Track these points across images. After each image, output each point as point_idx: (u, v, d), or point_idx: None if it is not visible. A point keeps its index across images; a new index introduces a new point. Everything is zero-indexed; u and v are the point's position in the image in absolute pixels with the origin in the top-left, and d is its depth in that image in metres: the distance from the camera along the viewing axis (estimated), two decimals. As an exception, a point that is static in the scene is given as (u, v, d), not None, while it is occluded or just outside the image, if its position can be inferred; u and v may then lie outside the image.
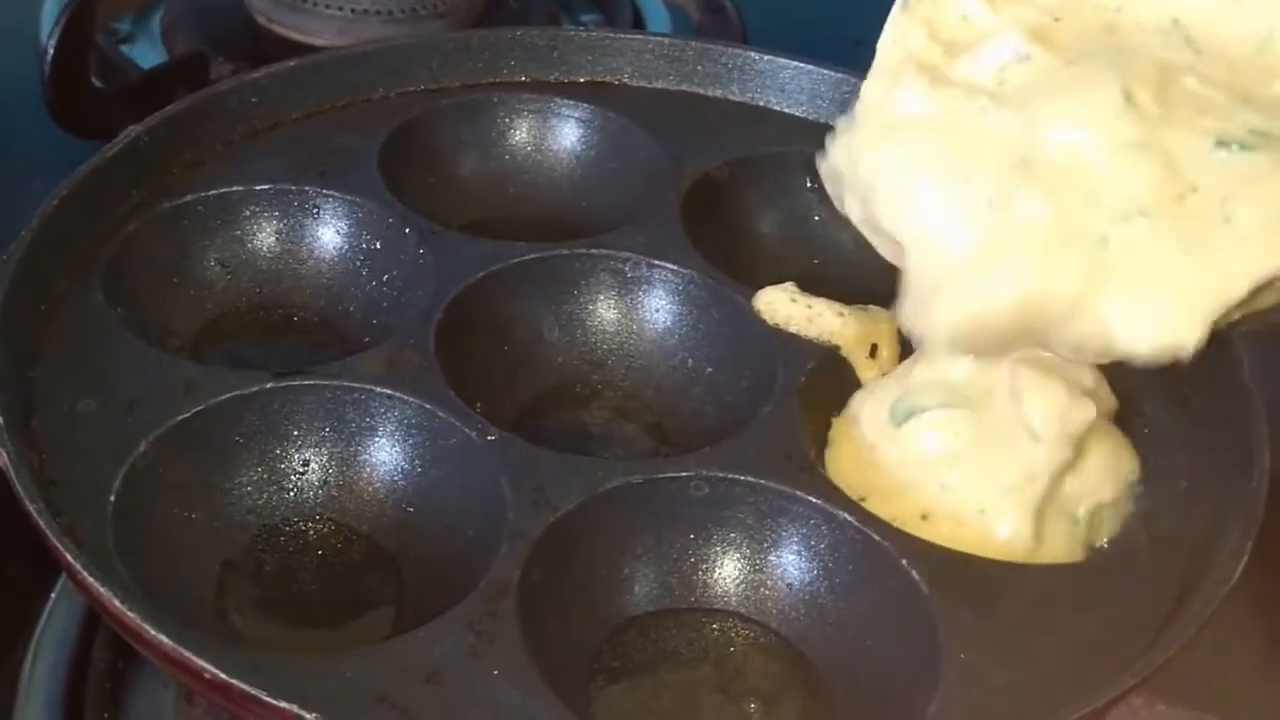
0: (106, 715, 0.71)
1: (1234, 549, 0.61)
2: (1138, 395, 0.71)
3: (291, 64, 0.83)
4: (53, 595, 0.75)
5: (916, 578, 0.62)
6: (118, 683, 0.72)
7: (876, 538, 0.63)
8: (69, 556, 0.57)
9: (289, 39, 1.06)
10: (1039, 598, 0.62)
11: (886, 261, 0.68)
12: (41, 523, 0.58)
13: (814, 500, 0.65)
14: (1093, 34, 0.60)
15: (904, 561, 0.62)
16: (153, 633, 0.55)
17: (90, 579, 0.56)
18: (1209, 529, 0.65)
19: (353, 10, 1.05)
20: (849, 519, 0.64)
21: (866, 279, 0.77)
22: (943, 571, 0.62)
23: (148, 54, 1.05)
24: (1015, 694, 0.58)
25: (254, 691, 0.53)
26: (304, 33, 1.06)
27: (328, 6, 1.05)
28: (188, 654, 0.54)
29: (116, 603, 0.55)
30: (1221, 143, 0.55)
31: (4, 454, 0.61)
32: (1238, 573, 0.60)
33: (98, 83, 0.99)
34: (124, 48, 1.06)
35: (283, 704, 0.52)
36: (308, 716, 0.52)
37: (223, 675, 0.53)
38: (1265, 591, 0.74)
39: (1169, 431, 0.71)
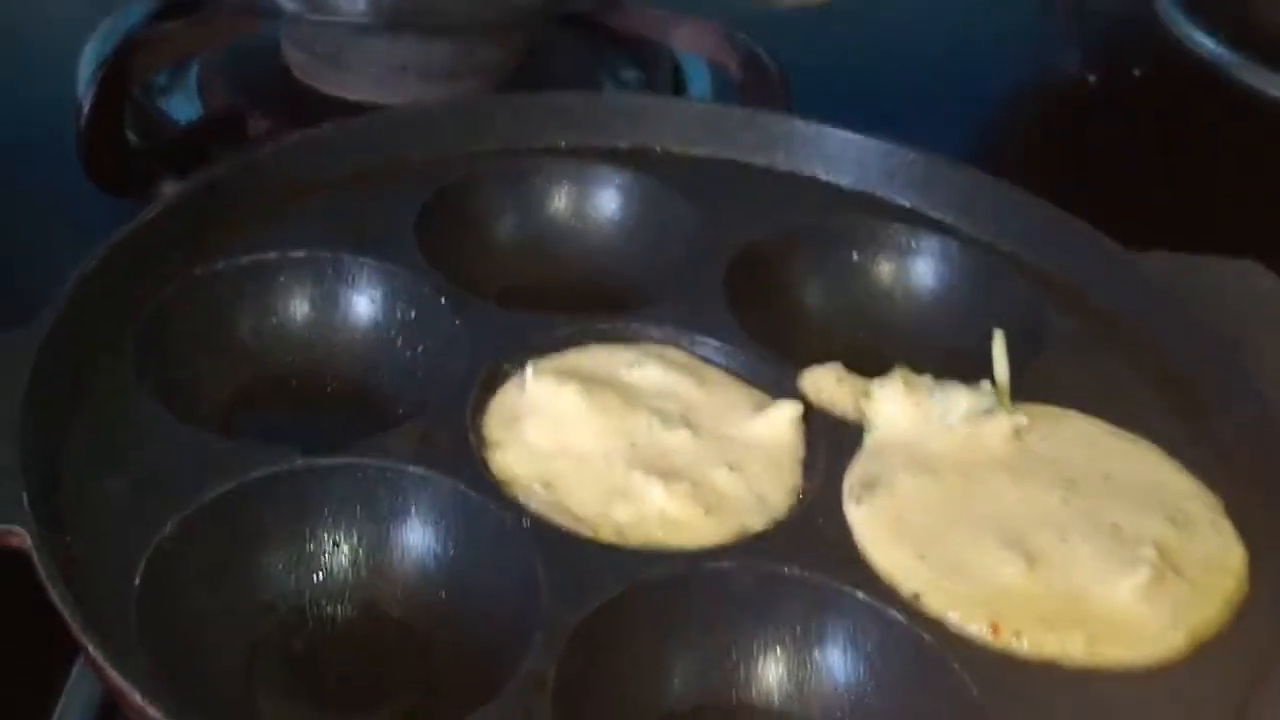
0: (126, 800, 0.69)
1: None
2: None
3: (328, 128, 0.82)
4: (73, 670, 0.73)
5: (967, 680, 0.60)
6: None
7: (927, 637, 0.61)
8: (91, 646, 0.55)
9: (325, 94, 1.05)
10: (1095, 705, 0.60)
11: (933, 334, 0.69)
12: (65, 609, 0.57)
13: (862, 596, 0.63)
14: None
15: (955, 663, 0.60)
16: (176, 730, 0.53)
17: (112, 670, 0.55)
18: (1271, 630, 0.63)
19: (389, 67, 1.04)
20: (898, 617, 0.62)
21: (914, 354, 0.76)
22: (994, 674, 0.60)
23: (183, 107, 1.04)
24: (1071, 809, 0.56)
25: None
26: (340, 88, 1.05)
27: (365, 63, 1.04)
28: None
29: (138, 697, 0.54)
30: None
31: (27, 535, 0.59)
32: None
33: (133, 137, 0.98)
34: (159, 101, 1.04)
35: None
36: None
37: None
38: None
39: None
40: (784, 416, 0.71)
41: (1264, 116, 0.86)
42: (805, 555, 0.64)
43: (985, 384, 0.72)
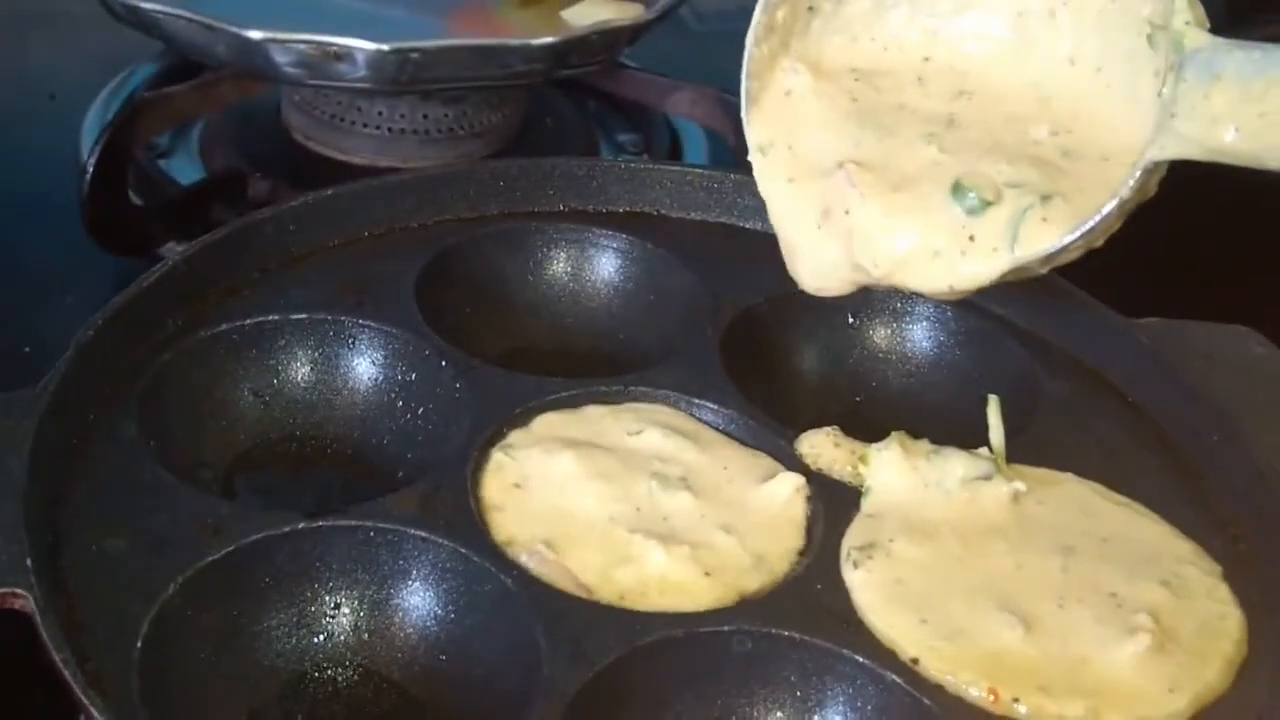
0: None
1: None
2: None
3: (329, 192, 0.83)
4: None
5: (967, 744, 0.60)
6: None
7: (926, 701, 0.61)
8: (94, 709, 0.55)
9: (326, 156, 1.06)
10: (1094, 770, 0.60)
11: (929, 399, 0.72)
12: (67, 671, 0.57)
13: (861, 659, 0.63)
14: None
15: (954, 728, 0.60)
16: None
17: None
18: (1271, 694, 0.63)
19: (389, 129, 1.05)
20: (897, 680, 0.62)
21: (910, 418, 0.76)
22: (994, 739, 0.60)
23: (185, 169, 1.05)
24: None
25: None
26: (341, 150, 1.06)
27: (365, 125, 1.05)
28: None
29: (140, 764, 0.54)
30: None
31: (30, 597, 0.59)
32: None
33: (135, 198, 0.99)
34: (162, 162, 1.05)
35: None
36: None
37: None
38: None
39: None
40: (785, 489, 0.71)
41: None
42: (804, 619, 0.64)
43: (982, 449, 0.72)
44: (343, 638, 0.66)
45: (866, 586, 0.66)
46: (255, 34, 0.92)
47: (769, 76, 0.71)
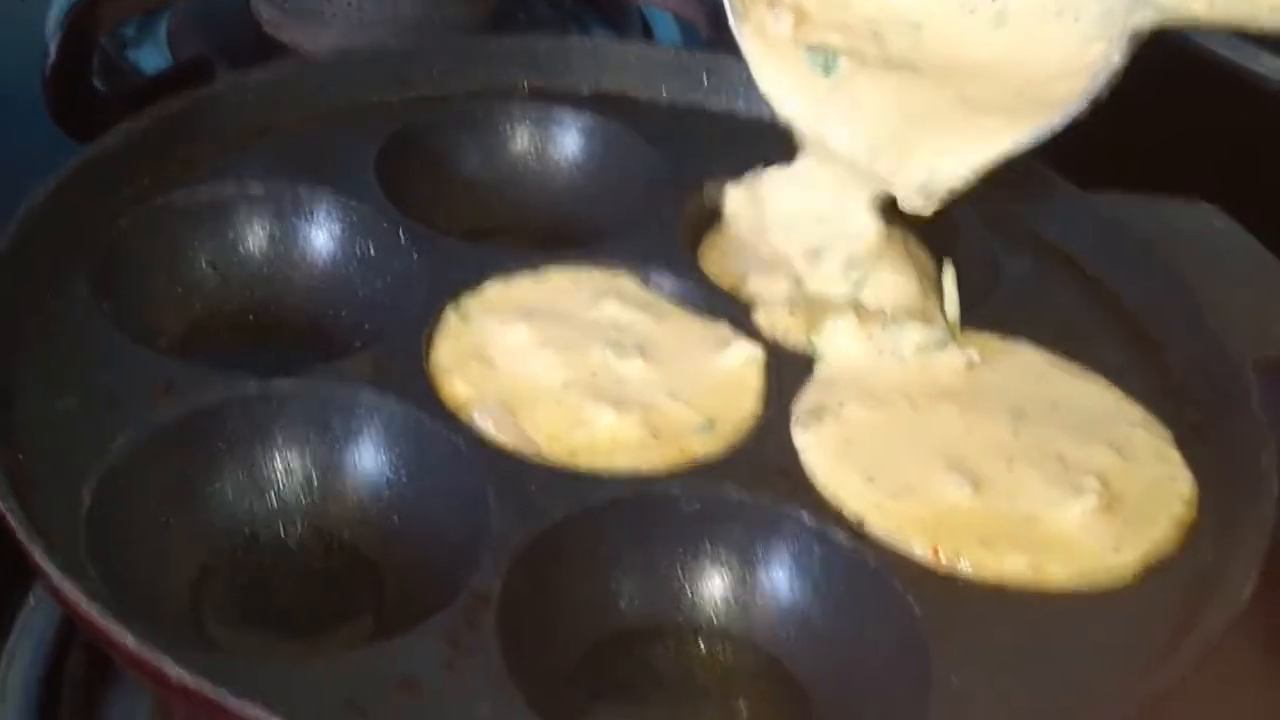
0: (79, 723, 0.69)
1: (1241, 576, 0.59)
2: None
3: (291, 66, 0.82)
4: (30, 602, 0.73)
5: (910, 600, 0.60)
6: (93, 694, 0.70)
7: (870, 559, 0.62)
8: (37, 555, 0.56)
9: (295, 46, 1.05)
10: (1036, 625, 0.60)
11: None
12: (13, 521, 0.57)
13: (806, 519, 0.63)
14: None
15: (897, 583, 0.61)
16: (118, 633, 0.53)
17: (58, 579, 0.55)
18: (1216, 556, 0.63)
19: (358, 21, 1.04)
20: (842, 539, 0.62)
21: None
22: (936, 595, 0.60)
23: (153, 58, 1.04)
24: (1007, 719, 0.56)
25: (217, 695, 0.51)
26: (310, 41, 1.05)
27: (334, 15, 1.04)
28: (152, 655, 0.52)
29: (83, 604, 0.54)
30: None
31: (-23, 451, 0.59)
32: (1244, 599, 0.58)
33: (99, 86, 0.98)
34: (129, 52, 1.05)
35: (247, 706, 0.51)
36: (273, 718, 0.51)
37: (187, 678, 0.52)
38: (1273, 627, 0.72)
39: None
40: (739, 357, 0.71)
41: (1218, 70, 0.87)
42: (751, 480, 0.64)
43: (938, 319, 0.72)
44: (294, 499, 0.66)
45: (815, 448, 0.66)
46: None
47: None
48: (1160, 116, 0.88)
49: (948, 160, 0.71)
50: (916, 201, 0.72)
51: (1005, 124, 0.71)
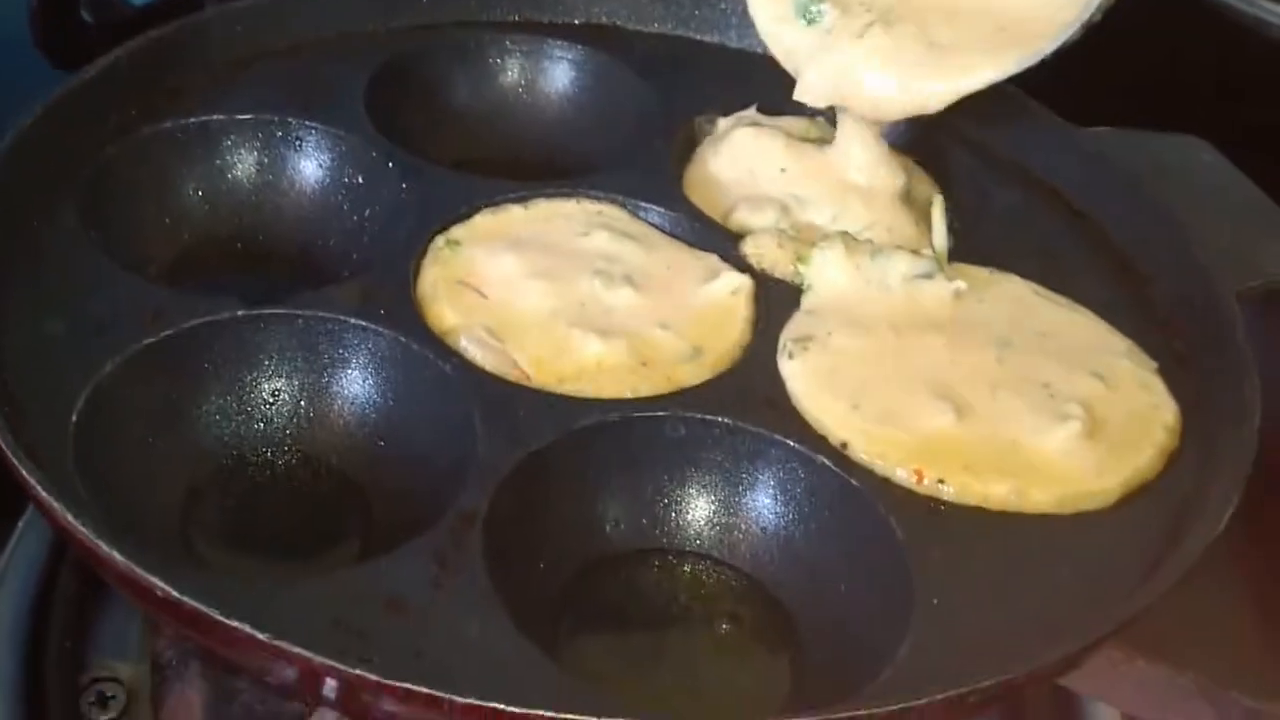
0: (69, 644, 0.69)
1: (1221, 501, 0.60)
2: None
3: (279, -5, 0.82)
4: (19, 524, 0.74)
5: (893, 523, 0.60)
6: (83, 613, 0.71)
7: (854, 483, 0.62)
8: (25, 472, 0.56)
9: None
10: (1018, 547, 0.61)
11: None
12: (0, 440, 0.57)
13: (792, 444, 0.63)
14: None
15: (880, 507, 0.61)
16: (106, 549, 0.53)
17: (46, 495, 0.55)
18: (1197, 482, 0.64)
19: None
20: (826, 463, 0.63)
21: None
22: (919, 517, 0.61)
23: (142, -9, 1.03)
24: (988, 639, 0.57)
25: (206, 610, 0.52)
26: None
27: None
28: (140, 571, 0.53)
29: (70, 518, 0.54)
30: None
31: (-36, 370, 0.59)
32: (1223, 523, 0.58)
33: (87, 17, 0.98)
34: (118, -16, 1.04)
35: (234, 623, 0.51)
36: (260, 635, 0.51)
37: (174, 593, 0.52)
38: (1253, 559, 0.73)
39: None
40: (727, 287, 0.71)
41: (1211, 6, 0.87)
42: (737, 406, 0.65)
43: (925, 250, 0.72)
44: (281, 424, 0.67)
45: (800, 375, 0.66)
46: None
47: None
48: (1153, 53, 0.88)
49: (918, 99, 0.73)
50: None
51: (984, 59, 0.72)
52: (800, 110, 0.78)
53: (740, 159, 0.78)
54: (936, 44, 0.73)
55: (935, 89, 0.73)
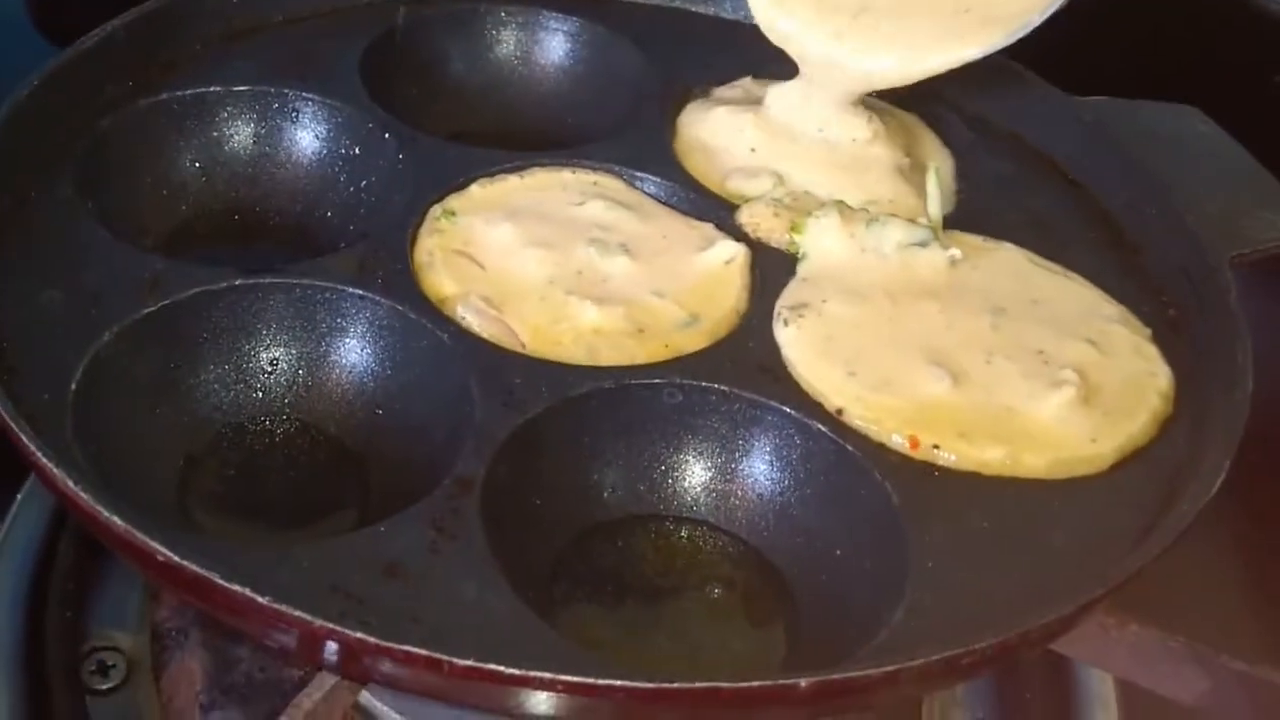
0: (70, 615, 0.70)
1: (1213, 465, 0.60)
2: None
3: (275, -34, 0.82)
4: (19, 496, 0.74)
5: (888, 488, 0.61)
6: (83, 583, 0.71)
7: (850, 449, 0.62)
8: (26, 439, 0.56)
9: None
10: (1012, 512, 0.61)
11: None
12: (1, 409, 0.57)
13: (788, 410, 0.64)
14: None
15: (875, 473, 0.61)
16: (107, 515, 0.54)
17: (48, 462, 0.55)
18: (1190, 447, 0.64)
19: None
20: (822, 429, 0.63)
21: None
22: (914, 483, 0.61)
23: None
24: (982, 602, 0.57)
25: (206, 574, 0.52)
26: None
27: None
28: (141, 536, 0.53)
29: (71, 484, 0.54)
30: None
31: (-37, 340, 0.60)
32: (1216, 488, 0.59)
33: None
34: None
35: (235, 587, 0.52)
36: (260, 599, 0.51)
37: (175, 557, 0.52)
38: (1244, 526, 0.73)
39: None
40: (723, 255, 0.71)
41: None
42: (733, 373, 0.65)
43: (920, 218, 0.73)
44: (279, 392, 0.67)
45: (796, 343, 0.66)
46: None
47: None
48: (1148, 22, 0.88)
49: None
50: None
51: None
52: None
53: (719, 134, 0.78)
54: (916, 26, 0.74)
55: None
